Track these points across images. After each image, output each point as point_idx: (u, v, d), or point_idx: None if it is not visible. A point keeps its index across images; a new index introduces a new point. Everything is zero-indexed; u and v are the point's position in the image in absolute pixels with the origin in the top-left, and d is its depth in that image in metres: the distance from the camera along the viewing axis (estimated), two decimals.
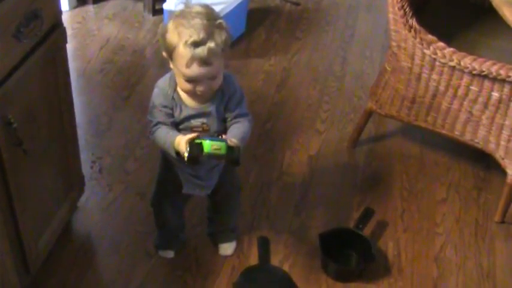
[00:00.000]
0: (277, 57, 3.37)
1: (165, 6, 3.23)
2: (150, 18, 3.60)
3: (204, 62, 1.72)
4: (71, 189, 2.25)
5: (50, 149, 2.02)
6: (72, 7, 3.61)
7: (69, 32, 2.04)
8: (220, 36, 1.72)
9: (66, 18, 2.00)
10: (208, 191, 2.08)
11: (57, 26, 1.91)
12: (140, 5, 3.65)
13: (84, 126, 2.77)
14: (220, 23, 1.74)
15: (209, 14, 1.74)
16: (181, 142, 1.80)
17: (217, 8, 3.03)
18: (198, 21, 1.70)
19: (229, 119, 1.91)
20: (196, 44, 1.70)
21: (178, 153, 1.83)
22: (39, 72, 1.85)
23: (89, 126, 2.82)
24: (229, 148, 1.76)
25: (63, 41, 1.97)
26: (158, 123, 1.88)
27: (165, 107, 1.87)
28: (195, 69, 1.73)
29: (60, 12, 1.92)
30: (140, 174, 2.60)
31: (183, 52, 1.71)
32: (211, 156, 1.75)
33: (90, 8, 3.66)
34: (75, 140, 2.21)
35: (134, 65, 3.22)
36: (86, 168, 2.48)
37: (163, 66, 1.80)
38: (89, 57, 3.25)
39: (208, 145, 1.74)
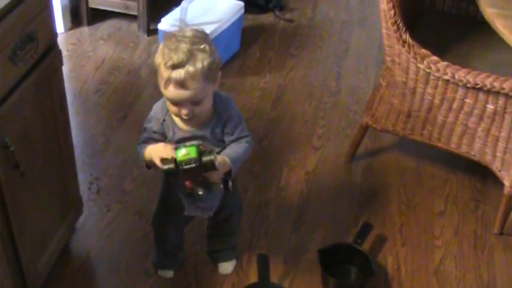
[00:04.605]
0: (272, 74, 3.38)
1: (160, 26, 3.24)
2: (145, 38, 3.61)
3: (180, 84, 1.72)
4: (69, 210, 2.25)
5: (47, 171, 2.02)
6: (67, 29, 3.62)
7: (64, 53, 2.05)
8: (202, 62, 1.71)
9: (61, 39, 2.02)
10: (210, 213, 2.07)
11: (52, 48, 1.91)
12: (135, 26, 3.67)
13: (81, 147, 2.78)
14: (204, 48, 1.73)
15: (196, 38, 1.74)
16: (154, 155, 1.82)
17: (211, 27, 3.09)
18: (182, 45, 1.71)
19: (227, 142, 1.91)
20: (174, 66, 1.71)
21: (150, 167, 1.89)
22: (35, 95, 1.85)
23: (85, 146, 2.82)
24: (202, 152, 1.76)
25: (59, 62, 1.97)
26: (143, 143, 1.92)
27: (154, 132, 1.91)
28: (172, 91, 1.74)
29: (55, 35, 1.93)
30: (138, 193, 2.60)
31: (163, 73, 1.73)
32: (186, 162, 1.74)
33: (85, 29, 3.67)
34: (72, 161, 2.21)
35: (130, 85, 3.23)
36: (83, 189, 2.48)
37: (158, 86, 1.80)
38: (84, 78, 3.26)
39: (178, 153, 1.75)
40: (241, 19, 3.48)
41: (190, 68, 1.71)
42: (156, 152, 1.82)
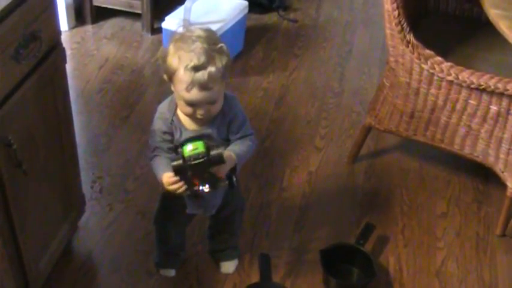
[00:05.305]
0: (275, 74, 3.38)
1: (164, 25, 3.24)
2: (149, 37, 3.62)
3: (204, 86, 1.71)
4: (71, 209, 2.25)
5: (50, 170, 2.02)
6: (71, 27, 3.63)
7: (67, 52, 2.05)
8: (221, 61, 1.71)
9: (64, 38, 2.01)
10: (212, 212, 2.07)
11: (56, 47, 1.91)
12: (138, 25, 3.67)
13: (83, 146, 2.78)
14: (221, 47, 1.73)
15: (210, 38, 1.73)
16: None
17: (215, 26, 3.09)
18: (198, 45, 1.70)
19: (232, 140, 1.91)
20: (196, 69, 1.69)
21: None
22: (39, 93, 1.85)
23: (88, 146, 2.82)
24: (209, 147, 1.75)
25: (62, 61, 1.97)
26: (155, 148, 1.90)
27: (164, 132, 1.89)
28: (195, 94, 1.72)
29: (59, 33, 1.93)
30: (140, 193, 2.60)
31: (183, 76, 1.71)
32: (194, 157, 1.73)
33: (88, 28, 3.68)
34: (75, 160, 2.21)
35: (133, 84, 3.23)
36: (86, 188, 2.48)
37: (162, 85, 1.80)
38: (87, 77, 3.26)
39: (185, 149, 1.74)
40: (245, 19, 3.48)
41: (212, 68, 1.70)
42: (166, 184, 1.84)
